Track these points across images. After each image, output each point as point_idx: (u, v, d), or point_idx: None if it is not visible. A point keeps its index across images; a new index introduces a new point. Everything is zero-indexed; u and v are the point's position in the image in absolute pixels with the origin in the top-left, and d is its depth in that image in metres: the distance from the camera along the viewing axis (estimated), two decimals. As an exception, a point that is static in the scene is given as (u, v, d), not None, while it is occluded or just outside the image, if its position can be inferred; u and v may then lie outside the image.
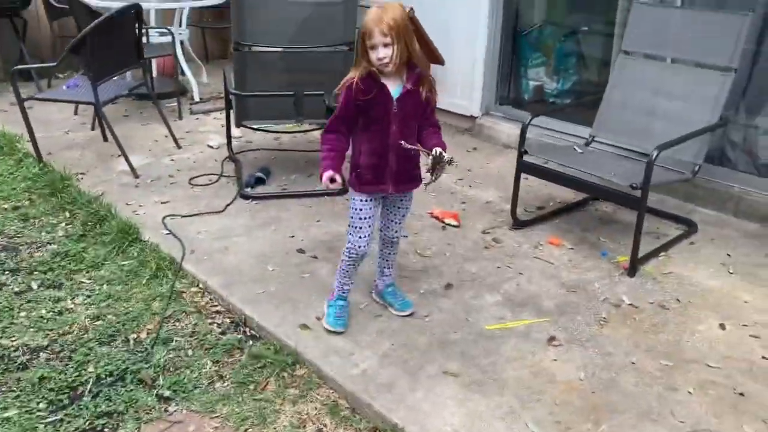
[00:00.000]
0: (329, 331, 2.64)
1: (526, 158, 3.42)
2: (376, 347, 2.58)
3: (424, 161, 2.41)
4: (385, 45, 2.28)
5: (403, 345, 2.60)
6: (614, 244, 3.43)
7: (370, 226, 2.57)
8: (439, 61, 5.04)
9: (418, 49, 2.37)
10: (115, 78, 4.24)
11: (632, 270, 3.13)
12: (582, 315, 2.83)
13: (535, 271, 3.17)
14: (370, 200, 2.55)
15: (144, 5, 5.36)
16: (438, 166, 2.32)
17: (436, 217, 3.67)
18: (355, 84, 2.37)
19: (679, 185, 3.77)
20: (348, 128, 2.47)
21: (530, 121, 3.41)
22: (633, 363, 2.53)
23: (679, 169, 3.38)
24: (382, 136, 2.43)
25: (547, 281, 3.09)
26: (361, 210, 2.55)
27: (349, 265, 2.65)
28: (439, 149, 2.33)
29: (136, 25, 4.13)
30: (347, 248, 2.62)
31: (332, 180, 2.40)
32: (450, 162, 2.32)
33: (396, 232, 2.70)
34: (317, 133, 4.38)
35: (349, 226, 2.60)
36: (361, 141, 2.48)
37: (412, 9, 4.64)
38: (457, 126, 5.22)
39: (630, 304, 2.91)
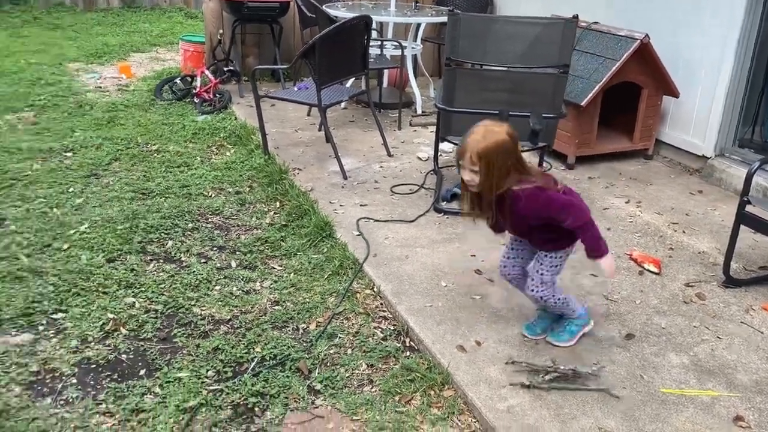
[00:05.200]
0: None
1: (749, 209, 3.00)
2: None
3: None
4: (472, 170, 2.34)
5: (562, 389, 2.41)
6: None
7: (506, 252, 2.71)
8: (673, 92, 4.63)
9: (507, 177, 2.35)
10: (339, 84, 4.50)
11: None
12: (785, 399, 2.40)
13: (738, 338, 2.76)
14: None
15: (382, 19, 5.69)
16: None
17: (635, 260, 3.36)
18: None
19: None
20: None
21: (759, 166, 2.98)
22: (839, 470, 2.09)
23: None
24: None
25: (750, 352, 2.67)
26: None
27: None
28: None
29: (365, 37, 4.35)
30: None
31: None
32: None
33: (531, 290, 2.62)
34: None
35: None
36: None
37: (647, 35, 4.33)
38: (685, 165, 4.75)
39: None
